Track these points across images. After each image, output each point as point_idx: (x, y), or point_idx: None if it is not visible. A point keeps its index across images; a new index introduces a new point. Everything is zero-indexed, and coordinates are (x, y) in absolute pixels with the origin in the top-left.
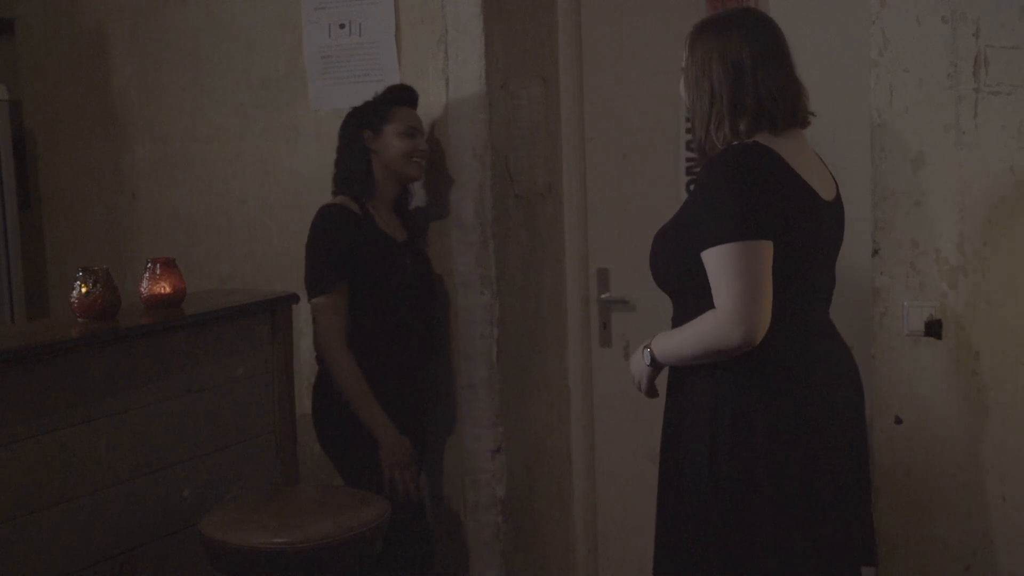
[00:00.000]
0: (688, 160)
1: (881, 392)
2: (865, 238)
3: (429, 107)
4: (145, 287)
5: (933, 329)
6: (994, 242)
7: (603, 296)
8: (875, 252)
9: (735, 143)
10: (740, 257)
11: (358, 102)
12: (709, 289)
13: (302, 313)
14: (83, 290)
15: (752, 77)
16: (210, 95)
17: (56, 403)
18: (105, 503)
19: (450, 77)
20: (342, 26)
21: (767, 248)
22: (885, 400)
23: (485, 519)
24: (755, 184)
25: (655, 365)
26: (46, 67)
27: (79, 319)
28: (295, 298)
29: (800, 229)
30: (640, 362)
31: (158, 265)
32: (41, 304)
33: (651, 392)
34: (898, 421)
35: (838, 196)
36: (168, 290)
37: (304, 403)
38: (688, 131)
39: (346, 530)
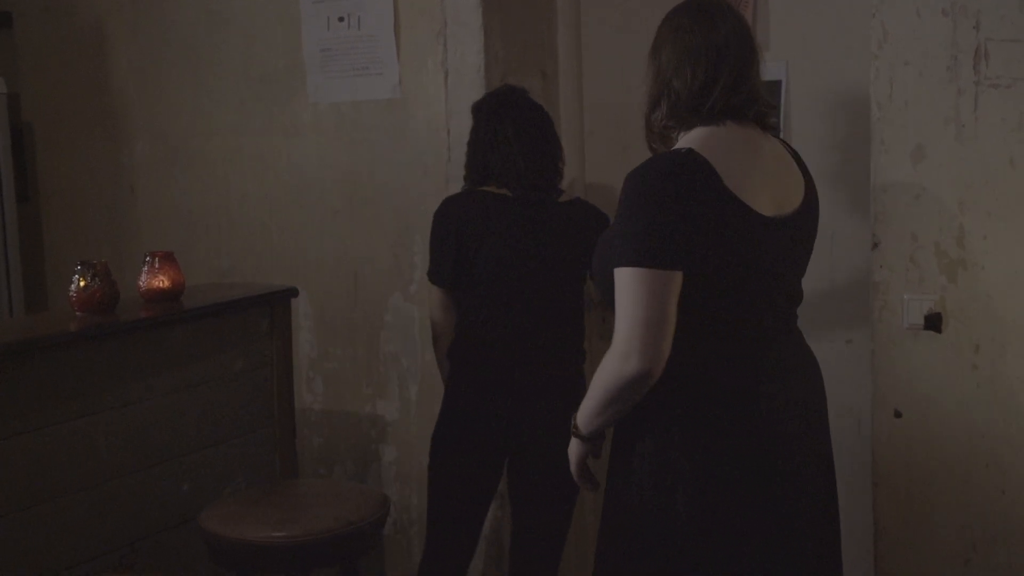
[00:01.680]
0: None
1: (880, 386)
2: (865, 232)
3: (428, 101)
4: (144, 281)
5: (932, 323)
6: (994, 235)
7: None
8: (875, 246)
9: (671, 149)
10: (644, 284)
11: (357, 95)
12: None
13: (300, 307)
14: (81, 284)
15: (692, 67)
16: (209, 90)
17: (55, 397)
18: (104, 497)
19: (449, 71)
20: (341, 19)
21: (674, 279)
22: (884, 394)
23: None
24: (676, 206)
25: (580, 435)
26: (45, 61)
27: (77, 313)
28: (294, 292)
29: (730, 253)
30: (572, 444)
31: (157, 259)
32: (39, 298)
33: (584, 477)
34: (897, 415)
35: (805, 205)
36: (167, 284)
37: (304, 397)
38: None
39: (345, 524)
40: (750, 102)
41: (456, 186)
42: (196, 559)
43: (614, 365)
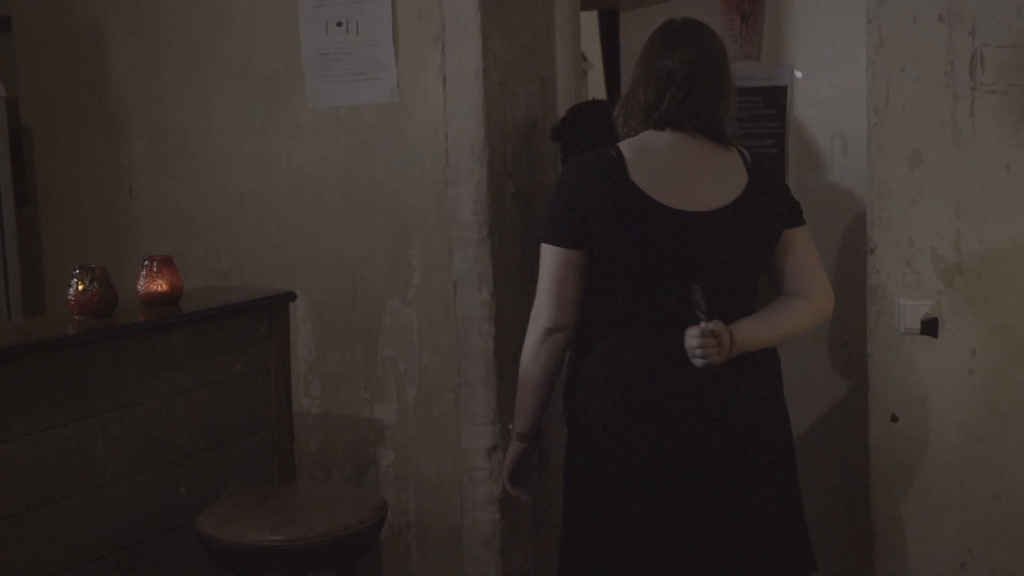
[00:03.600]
0: None
1: (877, 390)
2: (862, 236)
3: (426, 105)
4: (142, 285)
5: (929, 327)
6: (990, 240)
7: None
8: (871, 250)
9: (589, 151)
10: (549, 259)
11: (355, 100)
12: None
13: (298, 310)
14: (80, 287)
15: (645, 87)
16: (208, 91)
17: (53, 400)
18: (102, 500)
19: (447, 75)
20: (339, 24)
21: (574, 257)
22: (881, 398)
23: (482, 517)
24: (581, 195)
25: (517, 435)
26: (43, 63)
27: (76, 316)
28: (292, 296)
29: (630, 238)
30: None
31: (155, 263)
32: (38, 301)
33: (516, 481)
34: (894, 419)
35: (738, 204)
36: (165, 288)
37: (302, 401)
38: None
39: (342, 527)
40: (690, 116)
41: (454, 189)
42: (194, 562)
43: (529, 330)
